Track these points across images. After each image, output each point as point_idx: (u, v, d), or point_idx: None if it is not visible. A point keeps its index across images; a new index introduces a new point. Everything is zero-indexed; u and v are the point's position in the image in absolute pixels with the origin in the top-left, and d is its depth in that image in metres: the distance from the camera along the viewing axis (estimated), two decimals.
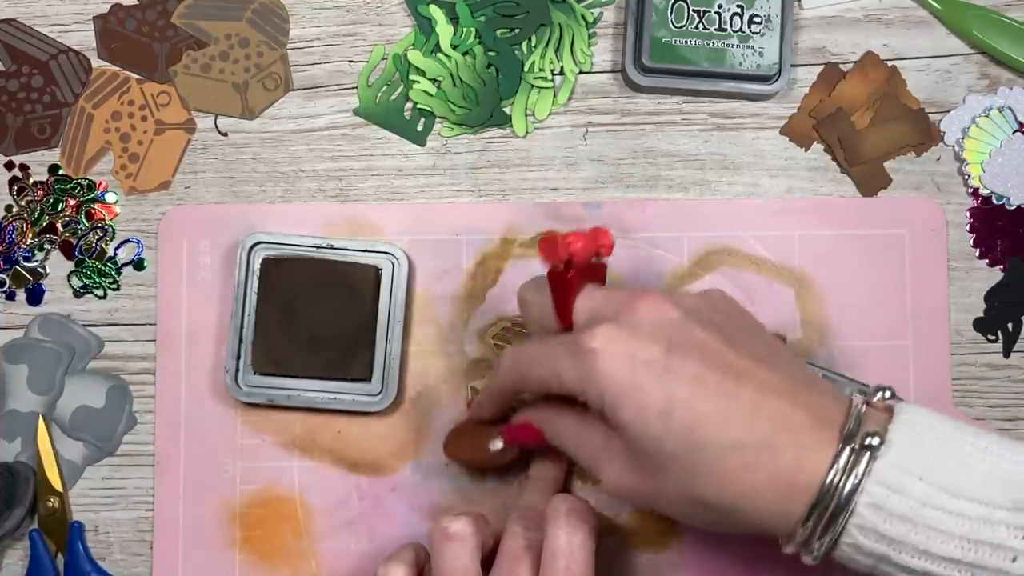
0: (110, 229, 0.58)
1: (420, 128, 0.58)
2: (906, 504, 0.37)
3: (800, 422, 0.39)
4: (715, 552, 0.55)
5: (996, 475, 0.37)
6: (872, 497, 0.37)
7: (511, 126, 0.58)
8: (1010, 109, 0.57)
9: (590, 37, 0.58)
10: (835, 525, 0.38)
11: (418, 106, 0.58)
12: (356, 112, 0.58)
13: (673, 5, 0.56)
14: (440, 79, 0.58)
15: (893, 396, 0.41)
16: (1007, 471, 0.38)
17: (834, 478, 0.38)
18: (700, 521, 0.42)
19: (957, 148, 0.58)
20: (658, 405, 0.40)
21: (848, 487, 0.38)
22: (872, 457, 0.38)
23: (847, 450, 0.38)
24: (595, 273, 0.46)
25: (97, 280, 0.57)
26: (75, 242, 0.57)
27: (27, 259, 0.57)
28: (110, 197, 0.58)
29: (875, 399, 0.41)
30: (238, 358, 0.55)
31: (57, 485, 0.56)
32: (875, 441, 0.38)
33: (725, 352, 0.41)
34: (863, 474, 0.38)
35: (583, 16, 0.58)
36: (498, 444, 0.52)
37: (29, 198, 0.58)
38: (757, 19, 0.56)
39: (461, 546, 0.46)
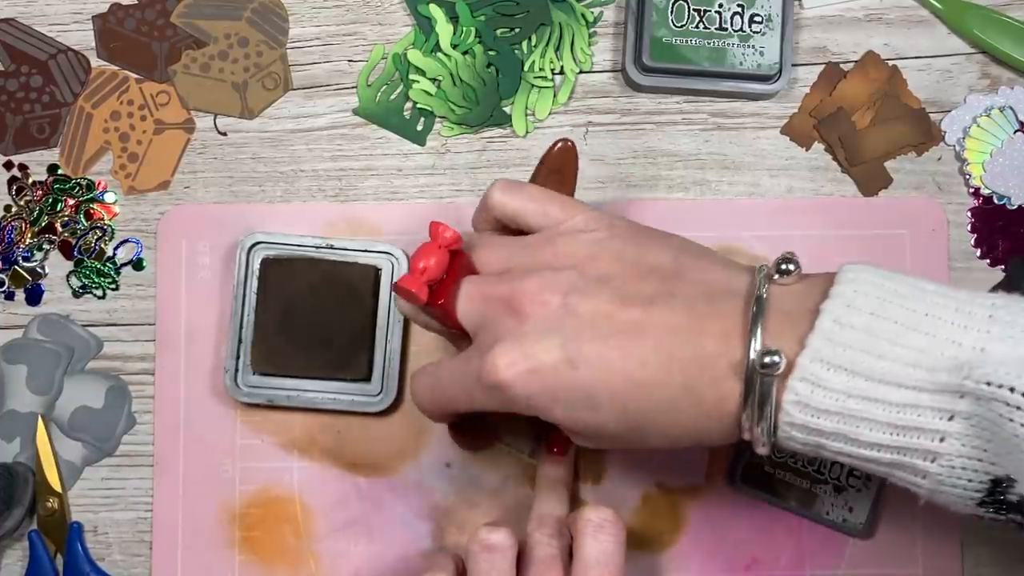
0: (109, 229, 0.58)
1: (420, 128, 0.58)
2: (830, 398, 0.37)
3: (709, 355, 0.40)
4: (715, 552, 0.55)
5: (928, 352, 0.37)
6: (796, 395, 0.38)
7: (511, 126, 0.58)
8: (1011, 109, 0.57)
9: (590, 36, 0.58)
10: (760, 430, 0.39)
11: (418, 106, 0.58)
12: (356, 112, 0.58)
13: (673, 4, 0.56)
14: (440, 79, 0.58)
15: (797, 266, 0.41)
16: (941, 343, 0.37)
17: (749, 398, 0.39)
18: (662, 450, 0.44)
19: (958, 148, 0.57)
20: (582, 402, 0.41)
21: (759, 400, 0.39)
22: (774, 375, 0.38)
23: (751, 375, 0.39)
24: (461, 268, 0.45)
25: (96, 280, 0.57)
26: (74, 242, 0.57)
27: (26, 259, 0.57)
28: (109, 197, 0.58)
29: (776, 276, 0.41)
30: (237, 358, 0.55)
31: (56, 485, 0.56)
32: (775, 359, 0.38)
33: (615, 312, 0.41)
34: (770, 387, 0.38)
35: (583, 15, 0.58)
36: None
37: (28, 198, 0.58)
38: (758, 18, 0.56)
39: (501, 558, 0.46)
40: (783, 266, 0.41)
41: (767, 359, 0.38)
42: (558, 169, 0.49)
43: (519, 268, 0.44)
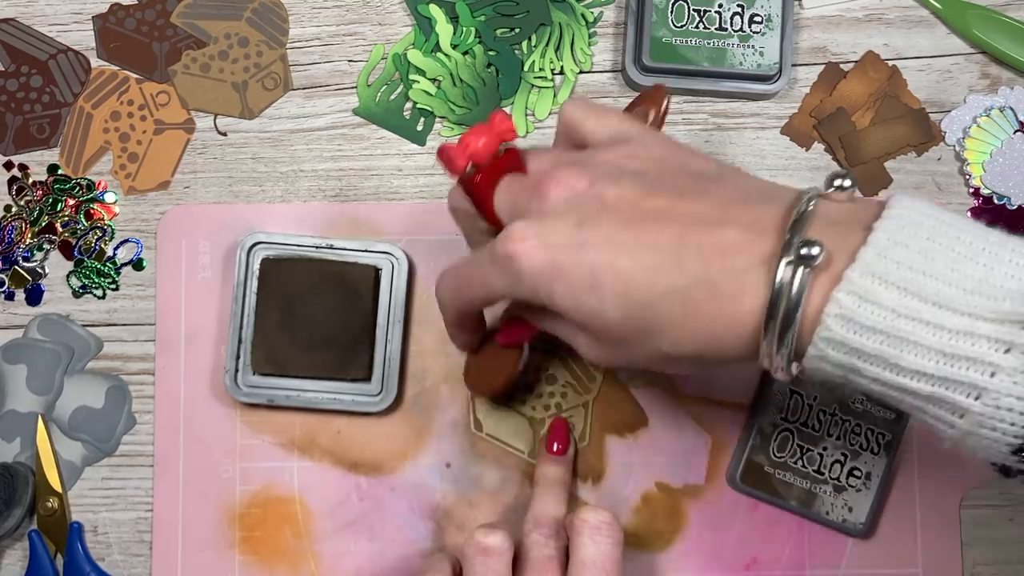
0: (109, 229, 0.58)
1: (420, 128, 0.58)
2: (879, 315, 0.34)
3: (732, 244, 0.37)
4: (715, 552, 0.55)
5: (987, 281, 0.34)
6: (842, 308, 0.35)
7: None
8: (1011, 109, 0.57)
9: (590, 37, 0.58)
10: (787, 339, 0.36)
11: (418, 106, 0.58)
12: (356, 112, 0.58)
13: (673, 5, 0.56)
14: (440, 79, 0.58)
15: (853, 183, 0.39)
16: (1001, 276, 0.34)
17: (777, 294, 0.36)
18: (684, 370, 0.41)
19: (958, 148, 0.57)
20: (585, 281, 0.39)
21: (793, 299, 0.35)
22: (811, 268, 0.35)
23: (783, 263, 0.35)
24: (508, 162, 0.44)
25: (96, 280, 0.57)
26: (74, 242, 0.57)
27: (26, 259, 0.57)
28: (109, 197, 0.58)
29: (831, 190, 0.39)
30: (237, 358, 0.55)
31: (56, 485, 0.56)
32: (814, 250, 0.35)
33: (640, 200, 0.39)
34: (804, 284, 0.35)
35: (583, 16, 0.58)
36: (496, 347, 0.50)
37: (28, 198, 0.58)
38: (757, 19, 0.56)
39: (497, 560, 0.46)
40: (837, 181, 0.39)
41: (804, 250, 0.35)
42: (644, 112, 0.47)
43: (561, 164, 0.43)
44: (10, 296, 0.57)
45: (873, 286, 0.34)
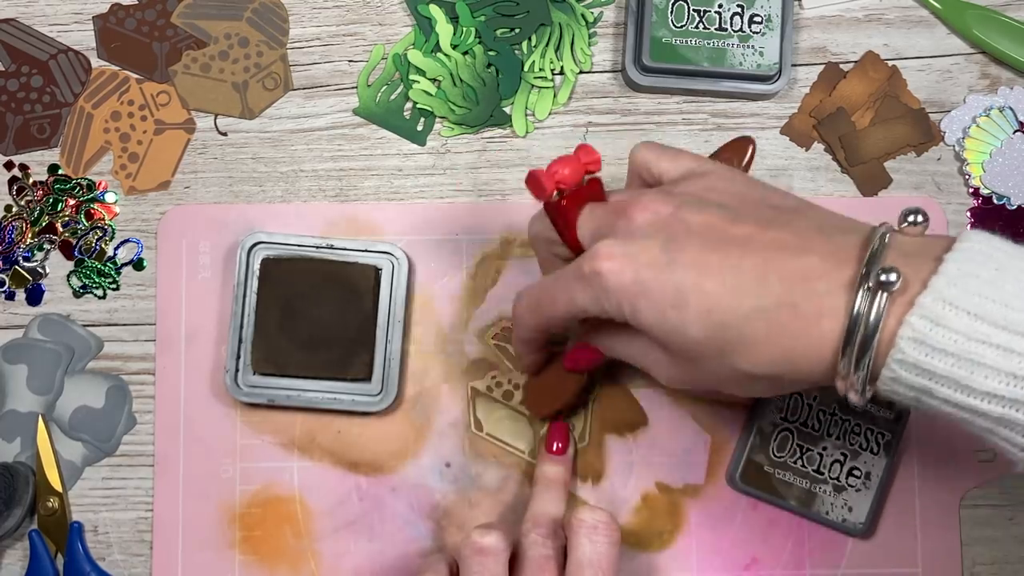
0: (110, 229, 0.58)
1: (420, 128, 0.58)
2: (951, 339, 0.36)
3: (814, 270, 0.39)
4: (715, 552, 0.55)
5: None
6: (914, 331, 0.37)
7: (511, 126, 0.58)
8: (1011, 109, 0.57)
9: (590, 37, 0.58)
10: (864, 362, 0.38)
11: (418, 106, 0.58)
12: (356, 112, 0.58)
13: (673, 5, 0.56)
14: (440, 79, 0.58)
15: (925, 219, 0.41)
16: None
17: (857, 315, 0.37)
18: (756, 391, 0.43)
19: (958, 148, 0.58)
20: (670, 299, 0.40)
21: (871, 323, 0.37)
22: (887, 292, 0.37)
23: (863, 289, 0.37)
24: (591, 191, 0.46)
25: (97, 280, 0.57)
26: (75, 242, 0.57)
27: (27, 259, 0.57)
28: (110, 197, 0.58)
29: (904, 225, 0.41)
30: (238, 358, 0.55)
31: (57, 485, 0.56)
32: (891, 277, 0.37)
33: (725, 227, 0.41)
34: (882, 309, 0.37)
35: (583, 16, 0.58)
36: (560, 371, 0.52)
37: (29, 198, 0.58)
38: (757, 19, 0.56)
39: (494, 561, 0.46)
40: (911, 217, 0.41)
41: (883, 276, 0.37)
42: (728, 160, 0.50)
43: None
44: (10, 296, 0.57)
45: (944, 311, 0.36)
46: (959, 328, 0.36)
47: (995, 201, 0.57)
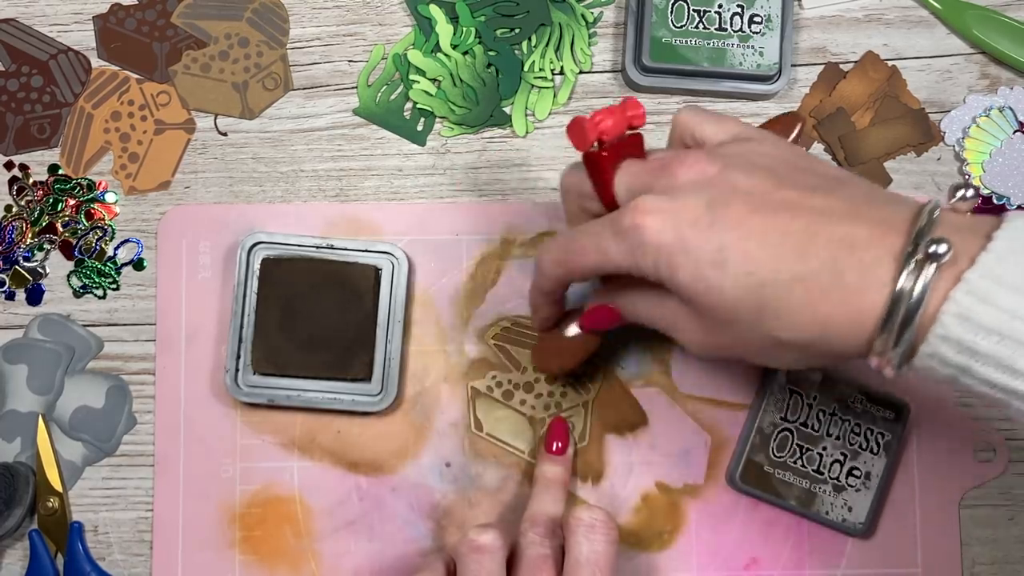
0: (110, 229, 0.58)
1: (420, 128, 0.58)
2: (995, 316, 0.35)
3: (861, 238, 0.38)
4: (715, 552, 0.55)
5: None
6: (959, 307, 0.36)
7: (511, 126, 0.58)
8: (1010, 109, 0.57)
9: (590, 37, 0.58)
10: (905, 336, 0.37)
11: (418, 106, 0.58)
12: (356, 112, 0.58)
13: (673, 5, 0.56)
14: (440, 79, 0.58)
15: (976, 194, 0.40)
16: None
17: (901, 289, 0.36)
18: (784, 361, 0.42)
19: (957, 148, 0.58)
20: (710, 257, 0.39)
21: (916, 295, 0.36)
22: (938, 265, 0.36)
23: (912, 261, 0.36)
24: (631, 146, 0.45)
25: (97, 280, 0.57)
26: (75, 242, 0.57)
27: (27, 259, 0.57)
28: (110, 197, 0.58)
29: (954, 200, 0.40)
30: (238, 358, 0.55)
31: (57, 485, 0.56)
32: (941, 248, 0.36)
33: (771, 191, 0.40)
34: (929, 281, 0.36)
35: (583, 16, 0.58)
36: (573, 330, 0.50)
37: (29, 198, 0.58)
38: (757, 19, 0.56)
39: (490, 559, 0.46)
40: (960, 191, 0.40)
41: (934, 247, 0.36)
42: (777, 131, 0.48)
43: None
44: (11, 296, 0.57)
45: (991, 288, 0.36)
46: (1006, 306, 0.35)
47: (995, 201, 0.57)
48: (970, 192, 0.40)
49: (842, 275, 0.38)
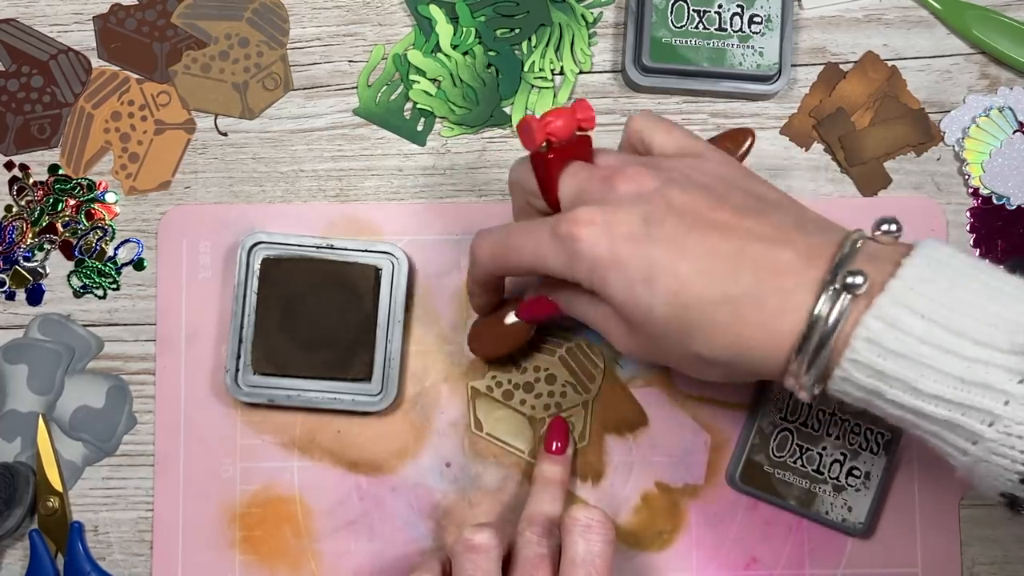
0: (110, 229, 0.58)
1: (420, 128, 0.58)
2: (903, 341, 0.37)
3: (785, 264, 0.39)
4: (715, 552, 0.55)
5: (1004, 317, 0.37)
6: (869, 332, 0.37)
7: (511, 126, 0.58)
8: (1010, 109, 0.57)
9: (590, 37, 0.58)
10: (819, 360, 0.38)
11: (418, 106, 0.58)
12: (356, 112, 0.58)
13: (673, 5, 0.56)
14: (440, 79, 0.58)
15: (899, 228, 0.41)
16: (1017, 312, 0.37)
17: (817, 315, 0.38)
18: (708, 375, 0.43)
19: (957, 148, 0.58)
20: (640, 274, 0.40)
21: (831, 323, 0.38)
22: (852, 294, 0.38)
23: (829, 289, 0.38)
24: (580, 148, 0.45)
25: (97, 280, 0.57)
26: (75, 242, 0.57)
27: (27, 259, 0.57)
28: (110, 197, 0.58)
29: (878, 232, 0.41)
30: (238, 358, 0.55)
31: (57, 485, 0.56)
32: (857, 279, 0.38)
33: (706, 211, 0.41)
34: (845, 310, 0.38)
35: (583, 16, 0.58)
36: (511, 318, 0.51)
37: (29, 198, 0.58)
38: (757, 19, 0.56)
39: (485, 558, 0.46)
40: (884, 226, 0.41)
41: (851, 279, 0.38)
42: (726, 146, 0.49)
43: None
44: (11, 296, 0.57)
45: (900, 313, 0.37)
46: (912, 331, 0.37)
47: (995, 201, 0.57)
48: (894, 227, 0.41)
49: (764, 300, 0.39)
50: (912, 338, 0.37)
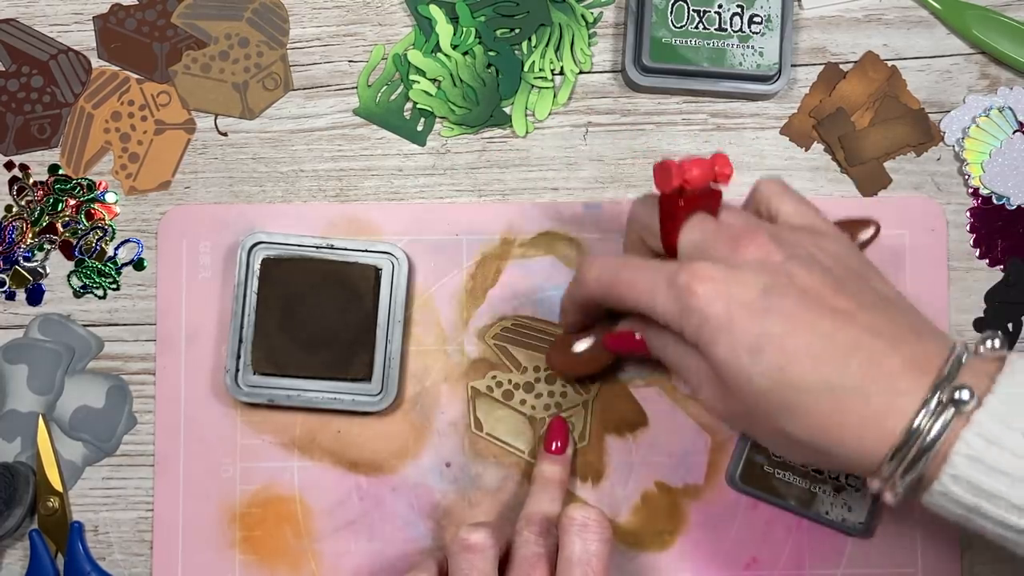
0: (110, 229, 0.58)
1: (420, 128, 0.58)
2: (1005, 458, 0.37)
3: (895, 367, 0.39)
4: (715, 552, 0.55)
5: None
6: (970, 448, 0.37)
7: (511, 126, 0.58)
8: (1010, 109, 0.57)
9: (590, 37, 0.58)
10: (915, 469, 0.38)
11: (418, 106, 0.58)
12: (356, 112, 0.58)
13: (673, 5, 0.56)
14: (440, 79, 0.58)
15: (1003, 344, 0.41)
16: None
17: (920, 425, 0.38)
18: (789, 454, 0.43)
19: (957, 148, 0.58)
20: (749, 342, 0.40)
21: (932, 434, 0.38)
22: (958, 410, 0.37)
23: (935, 399, 0.38)
24: (709, 200, 0.45)
25: (97, 280, 0.57)
26: (75, 242, 0.57)
27: (27, 259, 0.57)
28: (110, 197, 0.58)
29: (982, 348, 0.41)
30: (238, 358, 0.55)
31: (57, 485, 0.56)
32: (964, 395, 0.37)
33: (826, 295, 0.41)
34: (948, 423, 0.37)
35: (583, 16, 0.58)
36: (583, 345, 0.51)
37: (29, 198, 0.58)
38: (757, 19, 0.56)
39: (481, 558, 0.46)
40: (988, 341, 0.41)
41: (958, 393, 0.38)
42: (850, 231, 0.49)
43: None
44: (11, 296, 0.57)
45: (1000, 430, 0.37)
46: (1013, 448, 0.37)
47: (995, 201, 0.57)
48: (998, 342, 0.41)
49: (870, 396, 0.39)
50: (1014, 455, 0.37)
